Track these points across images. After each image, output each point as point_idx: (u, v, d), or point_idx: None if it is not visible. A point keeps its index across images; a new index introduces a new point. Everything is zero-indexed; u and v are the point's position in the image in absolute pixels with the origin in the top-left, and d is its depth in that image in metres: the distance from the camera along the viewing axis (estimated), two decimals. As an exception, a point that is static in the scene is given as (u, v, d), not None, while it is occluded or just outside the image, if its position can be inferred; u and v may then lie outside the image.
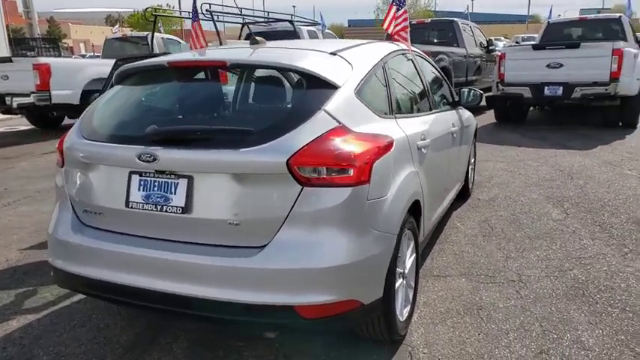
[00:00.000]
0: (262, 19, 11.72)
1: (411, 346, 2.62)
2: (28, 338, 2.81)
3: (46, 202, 5.43)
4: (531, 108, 10.71)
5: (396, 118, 2.77)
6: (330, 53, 2.64)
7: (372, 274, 2.25)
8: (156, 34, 12.82)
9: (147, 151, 2.21)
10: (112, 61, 10.87)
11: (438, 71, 4.29)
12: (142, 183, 2.29)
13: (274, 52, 2.86)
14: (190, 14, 9.54)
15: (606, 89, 8.40)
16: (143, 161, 2.22)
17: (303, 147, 2.10)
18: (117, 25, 21.34)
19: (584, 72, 8.52)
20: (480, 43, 12.18)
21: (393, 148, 2.41)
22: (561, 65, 8.70)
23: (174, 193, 2.23)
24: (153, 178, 2.28)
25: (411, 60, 3.60)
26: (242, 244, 2.17)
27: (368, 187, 2.17)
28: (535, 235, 4.08)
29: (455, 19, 11.89)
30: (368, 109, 2.49)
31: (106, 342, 2.74)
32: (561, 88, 8.73)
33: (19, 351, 2.70)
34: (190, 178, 2.21)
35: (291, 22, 11.66)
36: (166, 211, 2.23)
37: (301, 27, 11.91)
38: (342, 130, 2.21)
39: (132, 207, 2.31)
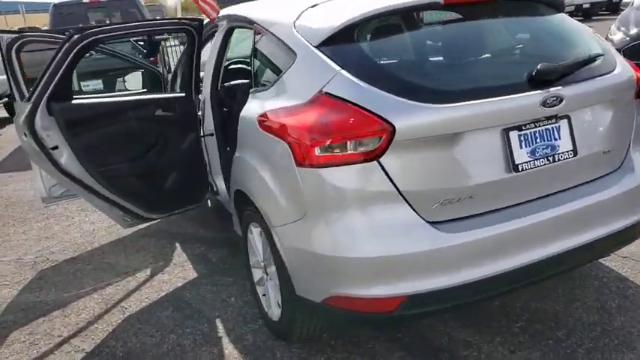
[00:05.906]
0: None
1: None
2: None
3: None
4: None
5: None
6: None
7: None
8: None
9: (551, 94, 2.01)
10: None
11: None
12: (523, 138, 2.05)
13: None
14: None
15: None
16: (548, 106, 2.02)
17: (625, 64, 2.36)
18: None
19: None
20: None
21: None
22: None
23: (559, 138, 2.12)
24: (534, 129, 2.07)
25: None
26: (608, 170, 2.30)
27: None
28: None
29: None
30: None
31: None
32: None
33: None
34: (568, 118, 2.14)
35: None
36: (559, 160, 2.11)
37: None
38: None
39: (522, 169, 2.05)
